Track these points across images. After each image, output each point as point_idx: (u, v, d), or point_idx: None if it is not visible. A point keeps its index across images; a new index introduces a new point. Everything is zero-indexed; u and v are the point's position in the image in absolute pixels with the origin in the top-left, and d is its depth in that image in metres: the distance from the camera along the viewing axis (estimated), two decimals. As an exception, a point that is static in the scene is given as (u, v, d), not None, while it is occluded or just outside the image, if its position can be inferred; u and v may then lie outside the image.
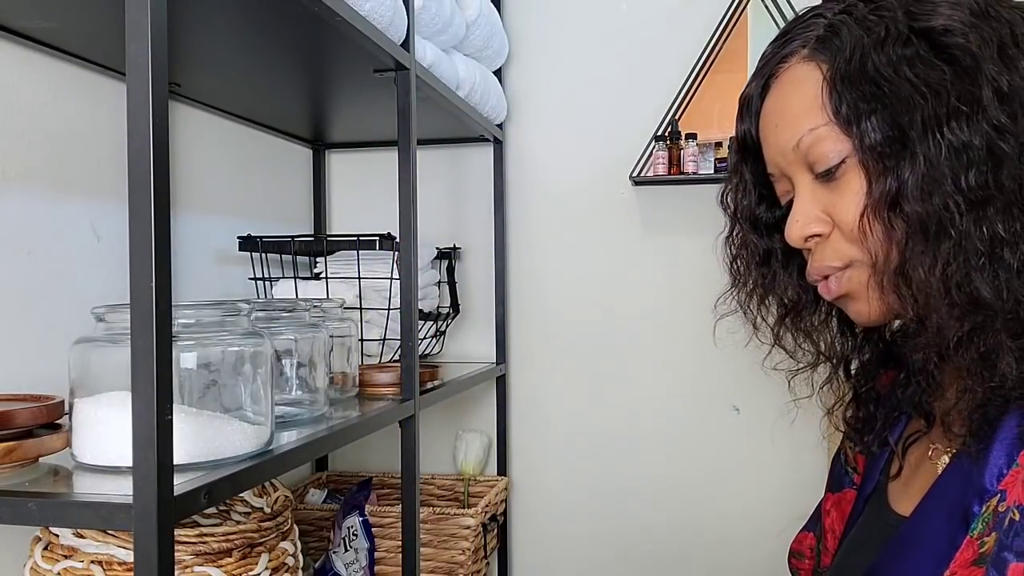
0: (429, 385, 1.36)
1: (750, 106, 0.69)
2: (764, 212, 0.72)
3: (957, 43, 0.57)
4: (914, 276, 0.57)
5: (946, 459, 0.65)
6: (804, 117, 0.62)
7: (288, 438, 0.88)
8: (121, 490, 0.62)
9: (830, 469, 0.84)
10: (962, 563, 0.56)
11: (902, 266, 0.58)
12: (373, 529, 1.47)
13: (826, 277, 0.65)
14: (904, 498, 0.69)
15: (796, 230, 0.64)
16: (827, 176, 0.62)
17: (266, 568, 0.96)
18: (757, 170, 0.71)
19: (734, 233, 0.74)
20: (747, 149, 0.71)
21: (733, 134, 0.73)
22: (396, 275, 1.40)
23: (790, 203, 0.67)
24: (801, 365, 0.75)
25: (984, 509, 0.57)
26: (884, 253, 0.59)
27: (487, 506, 1.64)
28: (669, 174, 1.66)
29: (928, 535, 0.62)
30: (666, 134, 1.67)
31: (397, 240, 1.30)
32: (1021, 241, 0.55)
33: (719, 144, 1.66)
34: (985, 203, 0.55)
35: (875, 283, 0.61)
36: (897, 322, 0.70)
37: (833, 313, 0.73)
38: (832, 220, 0.63)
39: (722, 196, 0.75)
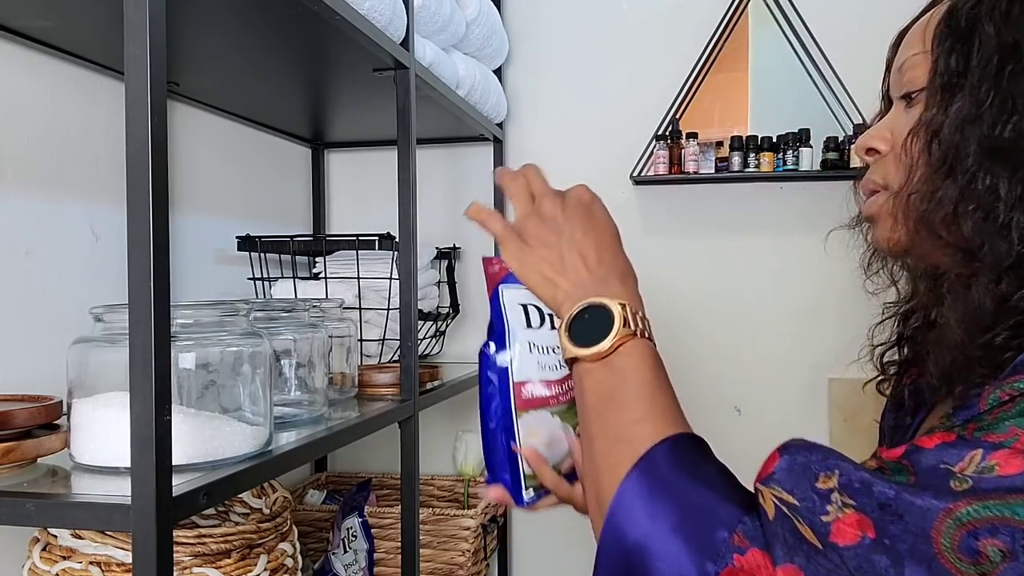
0: (429, 385, 1.35)
1: (901, 37, 0.71)
2: None
3: None
4: (913, 203, 0.60)
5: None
6: (913, 43, 0.65)
7: (287, 439, 0.88)
8: (119, 491, 0.62)
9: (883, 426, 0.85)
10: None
11: (912, 192, 0.61)
12: (372, 530, 1.47)
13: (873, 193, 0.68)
14: None
15: (861, 141, 0.68)
16: (908, 100, 0.65)
17: (265, 569, 0.96)
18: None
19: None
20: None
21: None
22: (395, 275, 1.40)
23: None
24: (888, 311, 0.77)
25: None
26: (909, 178, 0.62)
27: (487, 507, 1.64)
28: (670, 173, 1.66)
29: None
30: (667, 133, 1.67)
31: (396, 240, 1.29)
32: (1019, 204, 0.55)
33: (720, 143, 1.66)
34: (1004, 157, 0.56)
35: (894, 207, 0.63)
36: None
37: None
38: (892, 141, 0.66)
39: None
